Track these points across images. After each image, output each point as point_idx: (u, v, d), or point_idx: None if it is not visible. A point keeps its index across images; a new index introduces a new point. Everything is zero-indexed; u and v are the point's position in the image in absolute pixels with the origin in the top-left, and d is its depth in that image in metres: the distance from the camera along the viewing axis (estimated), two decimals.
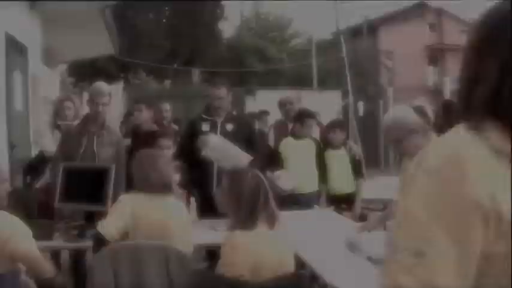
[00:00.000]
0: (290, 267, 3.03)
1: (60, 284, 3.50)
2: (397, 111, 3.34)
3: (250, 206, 2.93)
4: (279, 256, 2.97)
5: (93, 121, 5.06)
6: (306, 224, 4.43)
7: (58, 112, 5.76)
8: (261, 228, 2.96)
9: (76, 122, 5.63)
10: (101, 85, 5.14)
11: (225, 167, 5.02)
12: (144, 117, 5.84)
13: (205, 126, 5.23)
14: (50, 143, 5.58)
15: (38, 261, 3.23)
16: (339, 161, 5.88)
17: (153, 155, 3.57)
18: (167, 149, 5.03)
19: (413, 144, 3.23)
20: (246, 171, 3.12)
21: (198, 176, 5.35)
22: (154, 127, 5.88)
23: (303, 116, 5.76)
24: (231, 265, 2.85)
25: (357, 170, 5.99)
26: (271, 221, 3.01)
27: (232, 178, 3.07)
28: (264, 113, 9.26)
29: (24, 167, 5.83)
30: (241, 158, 4.98)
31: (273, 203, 3.04)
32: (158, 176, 3.40)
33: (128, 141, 5.77)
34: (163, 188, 3.40)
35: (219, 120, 5.24)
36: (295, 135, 5.79)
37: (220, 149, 5.00)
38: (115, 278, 3.13)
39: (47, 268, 3.27)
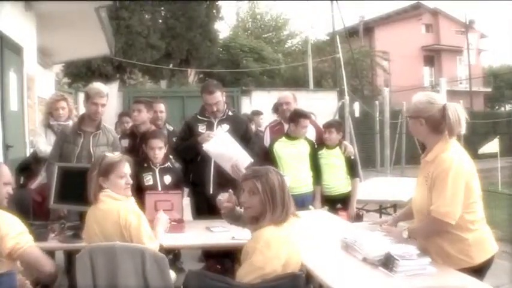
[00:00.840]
0: (299, 262, 3.10)
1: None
2: (424, 94, 3.40)
3: (283, 200, 3.02)
4: (298, 248, 3.06)
5: (89, 121, 5.06)
6: (301, 225, 4.42)
7: (52, 112, 5.74)
8: (289, 223, 3.05)
9: (68, 122, 5.63)
10: (100, 86, 5.13)
11: (222, 165, 5.05)
12: (143, 117, 5.81)
13: (201, 127, 5.25)
14: (43, 143, 5.57)
15: (36, 258, 3.23)
16: (334, 161, 5.89)
17: None
18: (159, 149, 5.03)
19: (413, 128, 3.37)
20: (269, 169, 3.14)
21: (195, 176, 5.36)
22: (153, 127, 5.86)
23: (297, 116, 5.76)
24: (266, 261, 2.87)
25: (352, 170, 6.00)
26: (294, 215, 3.11)
27: (260, 179, 3.05)
28: (257, 114, 9.24)
29: (17, 167, 5.80)
30: (242, 158, 5.00)
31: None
32: None
33: (125, 142, 5.76)
34: None
35: (215, 121, 5.26)
36: (290, 136, 5.79)
37: (225, 145, 5.01)
38: (93, 278, 3.14)
39: (47, 263, 3.27)
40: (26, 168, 5.65)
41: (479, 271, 3.14)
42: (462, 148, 3.30)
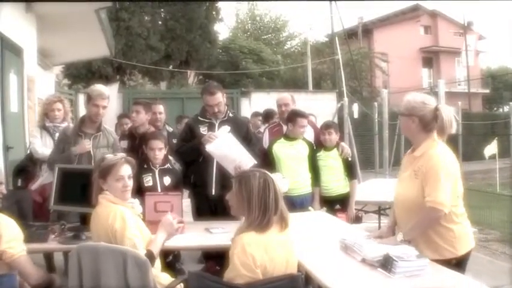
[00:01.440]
0: (295, 265, 3.08)
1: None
2: (418, 95, 3.57)
3: (261, 204, 2.96)
4: (286, 258, 3.01)
5: (90, 123, 5.08)
6: (300, 226, 4.43)
7: (47, 113, 5.74)
8: (273, 230, 3.00)
9: (64, 124, 5.65)
10: (101, 88, 5.14)
11: (225, 166, 5.06)
12: (141, 118, 5.82)
13: (202, 128, 5.26)
14: (39, 145, 5.57)
15: (25, 268, 3.23)
16: (332, 162, 5.90)
17: None
18: (159, 150, 5.05)
19: (405, 125, 3.52)
20: (254, 171, 3.13)
21: (196, 177, 5.37)
22: (152, 129, 5.87)
23: (294, 116, 5.76)
24: (243, 266, 2.86)
25: (350, 171, 6.01)
26: (283, 223, 3.05)
27: (240, 180, 3.08)
28: (255, 115, 9.25)
29: (13, 170, 5.80)
30: (245, 160, 5.01)
31: (282, 203, 3.07)
32: None
33: (124, 143, 5.77)
34: None
35: (217, 122, 5.27)
36: (288, 137, 5.80)
37: (228, 146, 5.03)
38: (80, 276, 3.15)
39: (33, 276, 3.27)
40: (23, 171, 5.64)
41: (461, 263, 3.33)
42: (448, 148, 3.44)
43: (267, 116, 7.96)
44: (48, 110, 5.74)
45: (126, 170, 3.54)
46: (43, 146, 5.55)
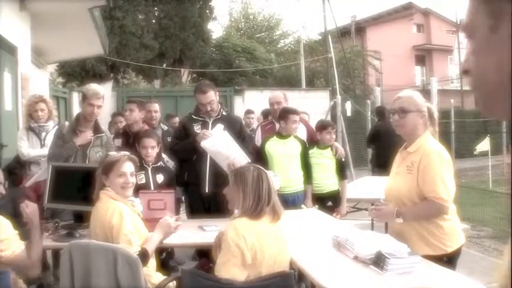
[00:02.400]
0: (286, 262, 3.14)
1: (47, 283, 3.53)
2: (415, 92, 3.70)
3: (255, 194, 3.11)
4: (278, 251, 3.07)
5: (84, 122, 5.10)
6: (293, 224, 4.46)
7: (31, 114, 5.70)
8: (265, 220, 3.11)
9: (49, 123, 5.65)
10: (97, 87, 5.16)
11: (219, 163, 5.08)
12: (135, 117, 5.83)
13: (196, 127, 5.29)
14: (25, 147, 5.55)
15: (20, 265, 3.24)
16: (325, 161, 5.91)
17: None
18: (151, 148, 5.07)
19: (412, 121, 3.49)
20: (249, 166, 3.32)
21: (190, 175, 5.39)
22: (146, 127, 5.89)
23: (286, 113, 5.77)
24: (236, 247, 2.94)
25: (341, 172, 6.02)
26: (275, 215, 3.15)
27: (236, 174, 3.24)
28: (247, 113, 9.28)
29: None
30: (239, 157, 5.03)
31: (275, 196, 3.21)
32: None
33: (118, 142, 5.78)
34: None
35: (210, 120, 5.30)
36: (281, 135, 5.81)
37: (223, 143, 5.06)
38: (71, 274, 3.18)
39: (32, 268, 3.28)
40: (11, 173, 5.63)
41: (451, 259, 3.37)
42: (438, 142, 3.52)
43: (267, 115, 7.99)
44: (31, 111, 5.68)
45: (129, 167, 3.60)
46: (29, 147, 5.54)
